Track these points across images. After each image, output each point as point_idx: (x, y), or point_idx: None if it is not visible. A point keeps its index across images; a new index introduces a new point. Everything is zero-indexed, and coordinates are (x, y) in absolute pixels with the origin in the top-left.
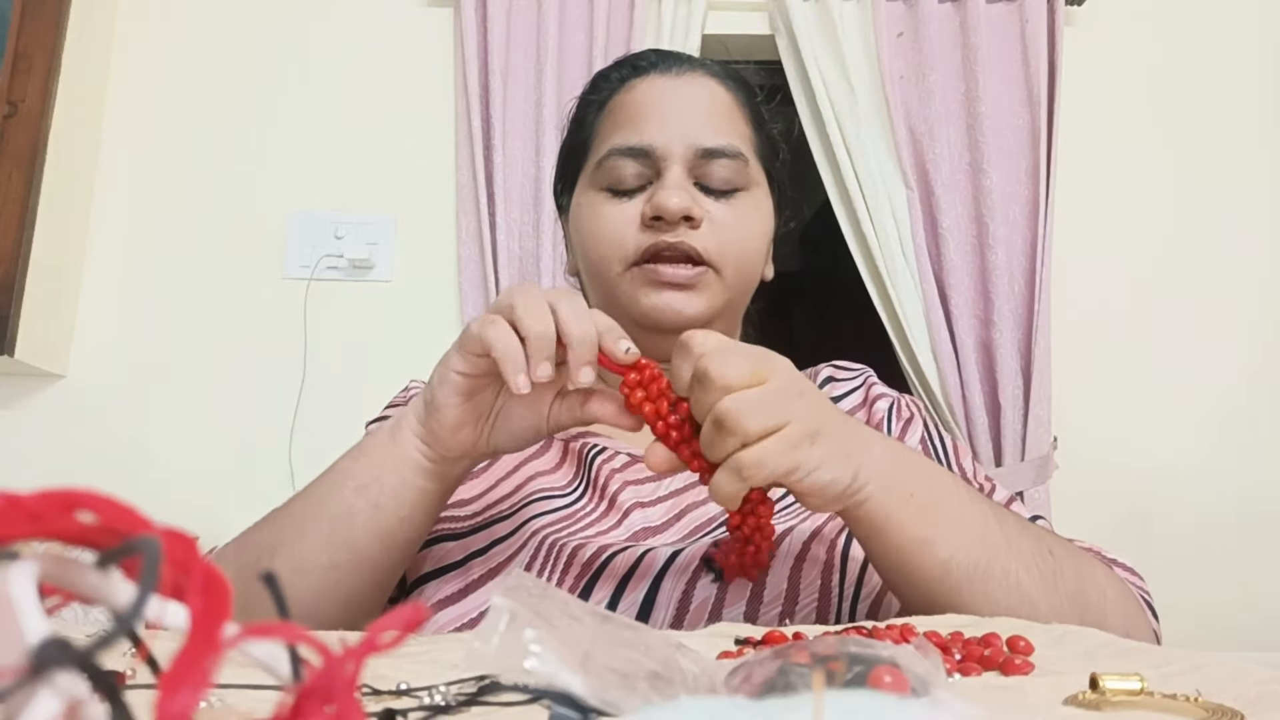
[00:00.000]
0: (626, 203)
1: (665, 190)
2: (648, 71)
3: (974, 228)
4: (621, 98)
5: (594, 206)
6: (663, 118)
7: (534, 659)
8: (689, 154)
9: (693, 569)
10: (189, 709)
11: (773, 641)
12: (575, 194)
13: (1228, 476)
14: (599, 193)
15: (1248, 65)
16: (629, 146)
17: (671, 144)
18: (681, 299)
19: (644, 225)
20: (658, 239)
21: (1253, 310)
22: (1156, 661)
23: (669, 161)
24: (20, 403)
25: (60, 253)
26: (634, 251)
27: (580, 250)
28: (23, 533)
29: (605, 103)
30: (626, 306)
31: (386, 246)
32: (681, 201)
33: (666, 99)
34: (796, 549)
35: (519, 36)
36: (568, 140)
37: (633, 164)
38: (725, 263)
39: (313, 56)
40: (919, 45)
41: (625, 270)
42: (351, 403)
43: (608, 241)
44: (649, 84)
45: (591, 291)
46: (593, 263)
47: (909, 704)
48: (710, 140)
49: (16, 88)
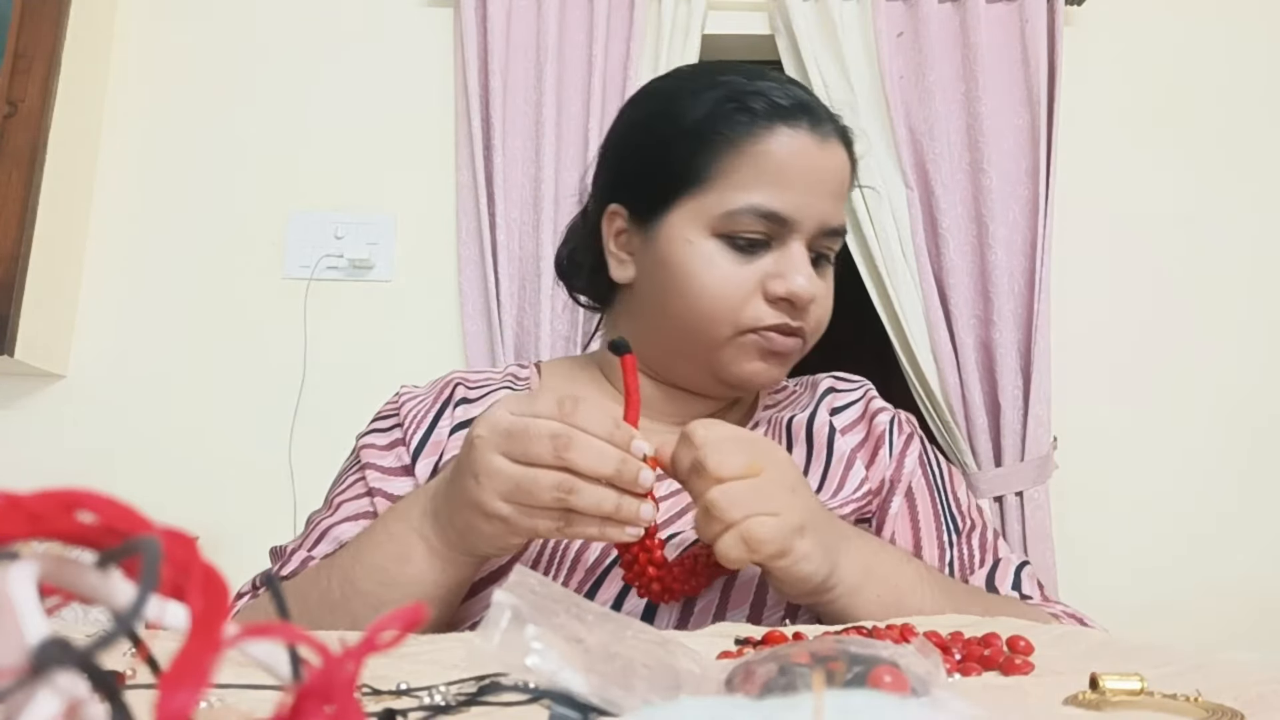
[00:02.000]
0: (747, 264)
1: (799, 275)
2: (797, 123)
3: (974, 228)
4: (768, 146)
5: (709, 256)
6: (808, 187)
7: (535, 656)
8: (816, 230)
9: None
10: (189, 709)
11: (773, 641)
12: (672, 220)
13: (1228, 475)
14: (716, 240)
15: (1247, 65)
16: (770, 211)
17: (807, 218)
18: (779, 370)
19: (769, 300)
20: (782, 320)
21: (1254, 309)
22: (1156, 661)
23: (799, 235)
24: (20, 403)
25: (60, 253)
26: (751, 323)
27: (674, 291)
28: (23, 533)
29: (740, 141)
30: (723, 366)
31: (386, 246)
32: (813, 290)
33: (813, 166)
34: None
35: (519, 36)
36: (664, 153)
37: (763, 224)
38: (815, 336)
39: (313, 56)
40: (919, 45)
41: (735, 335)
42: (351, 403)
43: (724, 304)
44: (797, 142)
45: (675, 333)
46: (694, 316)
47: (909, 704)
48: (835, 220)
49: (16, 88)
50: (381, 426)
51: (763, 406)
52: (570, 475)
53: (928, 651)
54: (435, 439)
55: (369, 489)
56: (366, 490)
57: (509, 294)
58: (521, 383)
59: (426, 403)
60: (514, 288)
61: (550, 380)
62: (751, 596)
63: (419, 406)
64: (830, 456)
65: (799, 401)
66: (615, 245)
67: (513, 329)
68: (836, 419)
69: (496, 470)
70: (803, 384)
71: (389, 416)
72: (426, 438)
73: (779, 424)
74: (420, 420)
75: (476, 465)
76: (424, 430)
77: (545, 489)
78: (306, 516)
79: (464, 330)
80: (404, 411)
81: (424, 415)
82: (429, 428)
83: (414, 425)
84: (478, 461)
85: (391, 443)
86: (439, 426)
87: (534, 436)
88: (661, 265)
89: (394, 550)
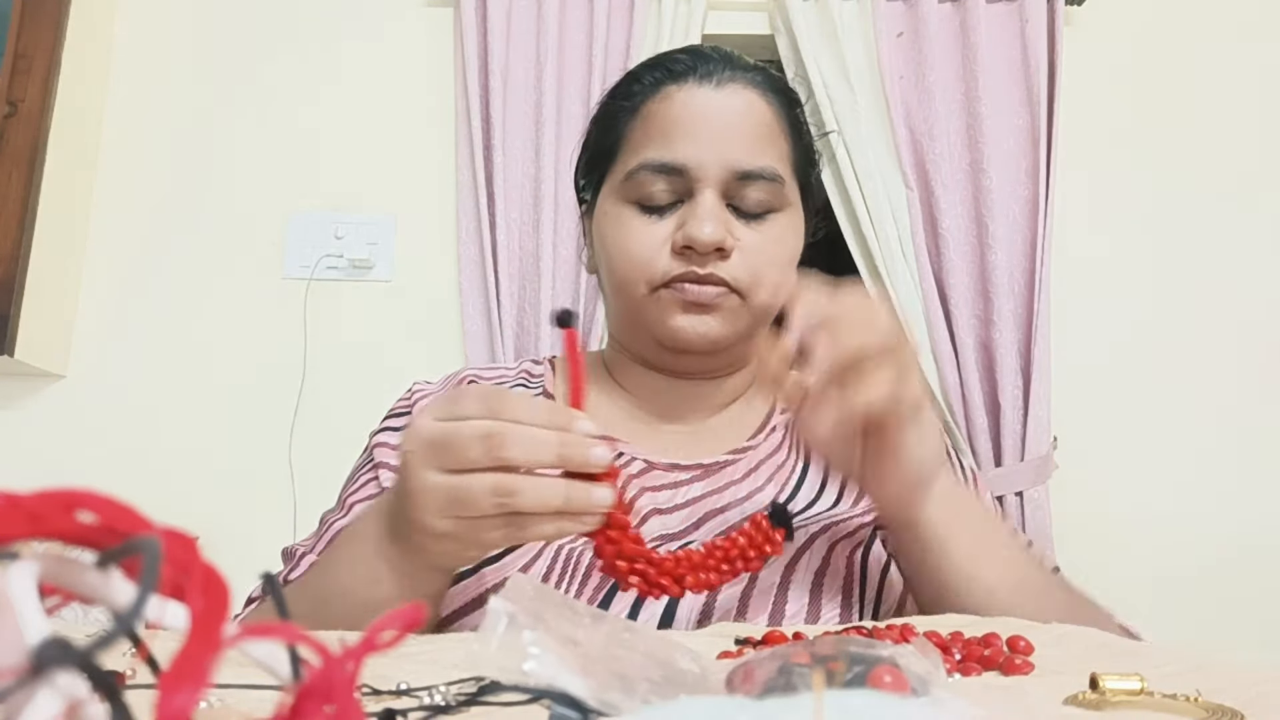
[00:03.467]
0: (656, 222)
1: (698, 220)
2: (685, 78)
3: (974, 228)
4: (655, 105)
5: (621, 221)
6: (698, 134)
7: (533, 661)
8: (724, 176)
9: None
10: (189, 709)
11: (773, 641)
12: (600, 198)
13: (1229, 475)
14: (627, 206)
15: (1247, 65)
16: (661, 163)
17: (706, 165)
18: (704, 322)
19: (675, 252)
20: (688, 269)
21: (1254, 309)
22: (1156, 661)
23: (703, 183)
24: (20, 403)
25: (60, 253)
26: (662, 276)
27: (604, 261)
28: (23, 533)
29: (638, 108)
30: (651, 327)
31: (386, 246)
32: (715, 234)
33: (703, 113)
34: (816, 563)
35: (519, 36)
36: (595, 139)
37: (664, 180)
38: (753, 289)
39: (313, 56)
40: (919, 45)
41: (651, 293)
42: (351, 403)
43: (635, 263)
44: (686, 94)
45: (614, 303)
46: (618, 280)
47: (909, 704)
48: (747, 162)
49: (16, 88)
50: (395, 425)
51: (780, 409)
52: (510, 476)
53: (928, 651)
54: None
55: (383, 489)
56: (380, 490)
57: (509, 294)
58: (536, 379)
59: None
60: (514, 288)
61: (563, 377)
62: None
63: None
64: None
65: None
66: (586, 240)
67: (513, 329)
68: None
69: (430, 486)
70: None
71: (402, 414)
72: None
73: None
74: None
75: (410, 484)
76: None
77: (482, 496)
78: (320, 516)
79: (464, 330)
80: (417, 410)
81: None
82: None
83: None
84: (410, 480)
85: None
86: None
87: (463, 441)
88: (598, 243)
89: (364, 574)
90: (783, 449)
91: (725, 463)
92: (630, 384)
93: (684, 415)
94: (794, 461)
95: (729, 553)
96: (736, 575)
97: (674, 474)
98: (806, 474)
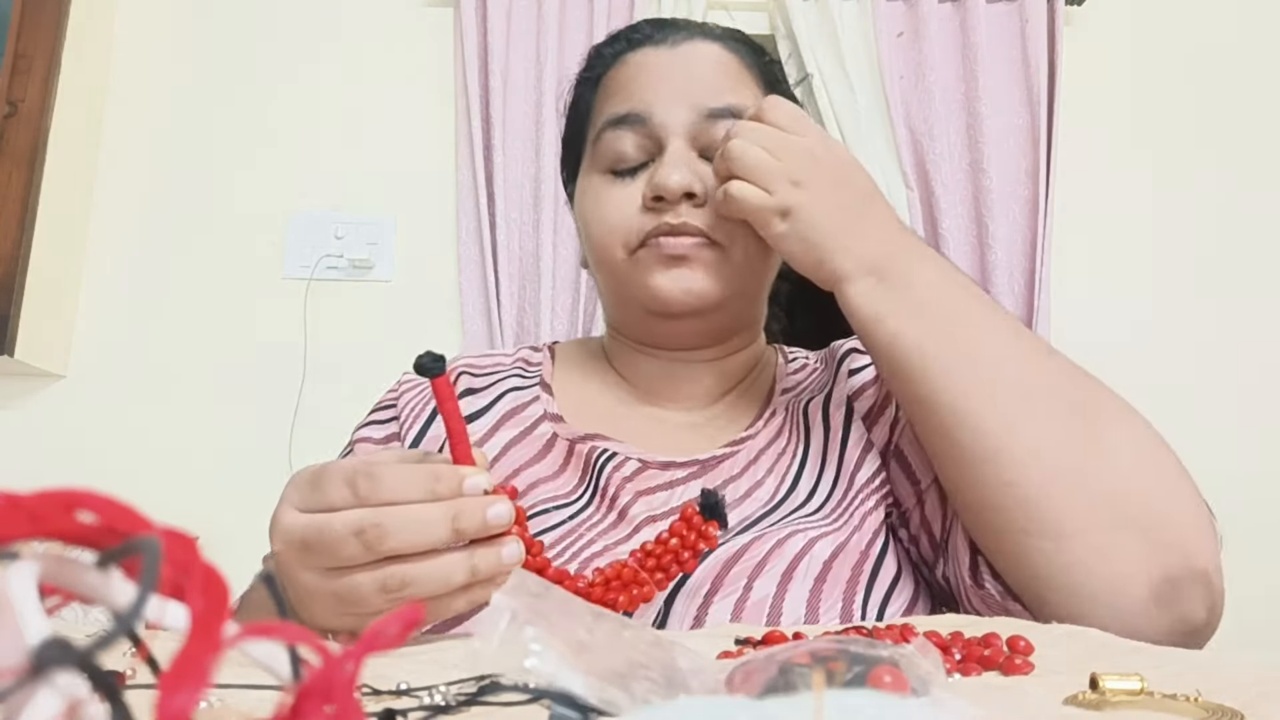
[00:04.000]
0: (629, 183)
1: (665, 167)
2: (641, 44)
3: (974, 228)
4: (615, 72)
5: (595, 191)
6: (658, 85)
7: (534, 658)
8: (692, 120)
9: (705, 591)
10: (189, 709)
11: (772, 641)
12: (579, 181)
13: (1230, 475)
14: (600, 175)
15: (1247, 65)
16: (621, 115)
17: (670, 112)
18: (684, 276)
19: (645, 207)
20: (659, 220)
21: (1254, 309)
22: (1156, 661)
23: (669, 131)
24: (20, 403)
25: (60, 253)
26: (637, 235)
27: (585, 238)
28: (23, 533)
29: (600, 79)
30: (637, 294)
31: (386, 246)
32: (682, 178)
33: (662, 67)
34: (816, 569)
35: (519, 36)
36: (567, 125)
37: (630, 136)
38: (734, 239)
39: (312, 56)
40: (919, 45)
41: (629, 255)
42: (351, 403)
43: (610, 227)
44: (642, 55)
45: (600, 282)
46: (597, 250)
47: (909, 704)
48: (714, 100)
49: (16, 88)
50: (379, 418)
51: (780, 391)
52: (398, 567)
53: (928, 651)
54: (434, 434)
55: None
56: None
57: (509, 294)
58: (534, 368)
59: (428, 393)
60: (514, 288)
61: (562, 363)
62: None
63: (419, 397)
64: (846, 442)
65: (817, 382)
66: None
67: (513, 329)
68: (854, 379)
69: (313, 590)
70: (823, 358)
71: (387, 407)
72: (424, 432)
73: (798, 409)
74: (419, 413)
75: (295, 586)
76: (421, 424)
77: (373, 596)
78: None
79: (464, 330)
80: (402, 403)
81: (423, 407)
82: (427, 421)
83: (411, 418)
84: (295, 583)
85: (387, 436)
86: (439, 420)
87: (335, 539)
88: (580, 225)
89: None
90: (783, 434)
91: (723, 457)
92: (628, 369)
93: (683, 401)
94: (795, 445)
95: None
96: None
97: (669, 473)
98: (807, 459)
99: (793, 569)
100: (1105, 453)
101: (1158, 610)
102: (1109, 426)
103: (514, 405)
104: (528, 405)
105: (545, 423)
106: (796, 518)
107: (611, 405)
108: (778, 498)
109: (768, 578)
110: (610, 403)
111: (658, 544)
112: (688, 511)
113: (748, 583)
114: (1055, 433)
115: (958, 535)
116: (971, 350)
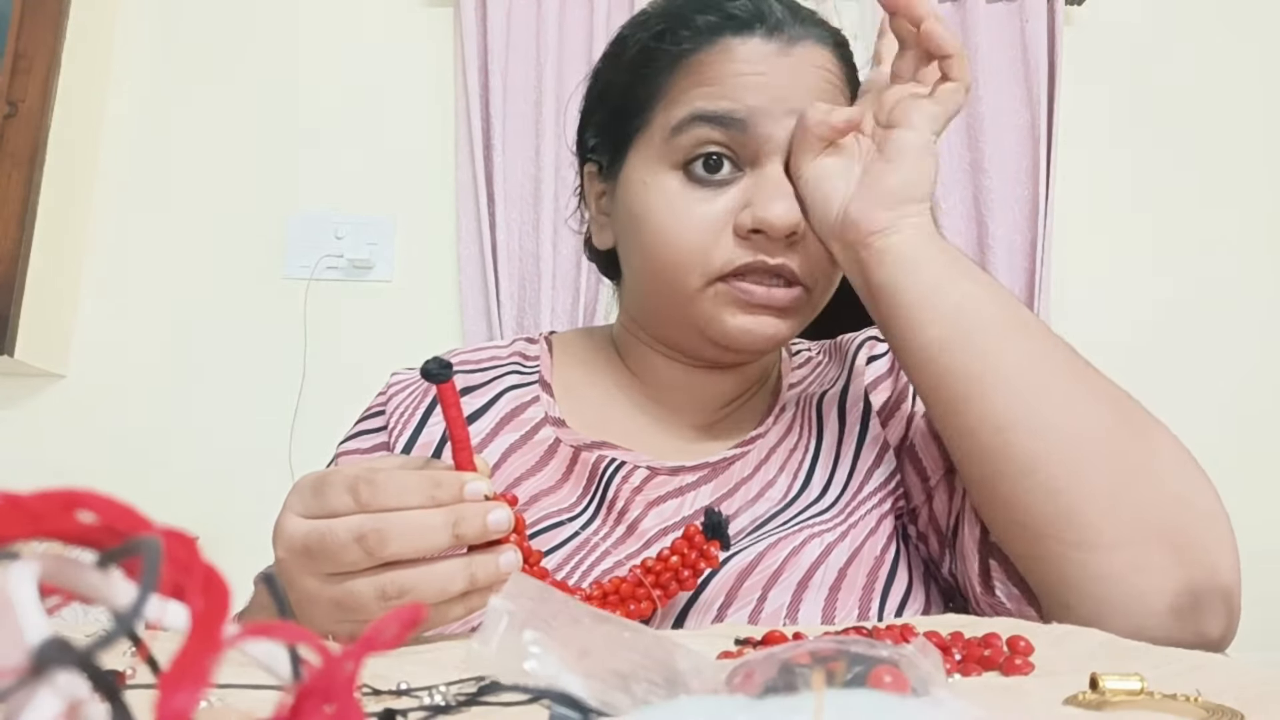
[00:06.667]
0: (713, 198)
1: (768, 198)
2: (750, 29)
3: (974, 228)
4: (710, 55)
5: (668, 195)
6: (767, 89)
7: (533, 660)
8: (792, 137)
9: (719, 604)
10: (189, 709)
11: (772, 641)
12: (630, 164)
13: (1230, 476)
14: (671, 173)
15: (1247, 66)
16: (719, 114)
17: (777, 124)
18: (772, 324)
19: (739, 237)
20: (755, 258)
21: (1254, 308)
22: (1156, 661)
23: (771, 146)
24: (20, 403)
25: (60, 253)
26: (721, 267)
27: (637, 242)
28: (23, 533)
29: (686, 56)
30: (700, 324)
31: (386, 246)
32: (790, 214)
33: (774, 71)
34: (831, 578)
35: (519, 36)
36: (616, 89)
37: (720, 138)
38: (818, 282)
39: (312, 56)
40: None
41: (706, 286)
42: (351, 403)
43: (688, 249)
44: (751, 49)
45: (648, 288)
46: (660, 267)
47: (909, 704)
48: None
49: (16, 88)
50: (367, 427)
51: (787, 386)
52: (398, 573)
53: (928, 651)
54: (425, 439)
55: None
56: None
57: (509, 294)
58: (531, 361)
59: (418, 395)
60: (514, 288)
61: (562, 358)
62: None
63: (410, 400)
64: (863, 439)
65: (827, 374)
66: (597, 209)
67: (513, 329)
68: (871, 369)
69: (313, 595)
70: (828, 350)
71: (376, 414)
72: (415, 437)
73: (809, 404)
74: (409, 417)
75: (296, 592)
76: (412, 429)
77: (372, 602)
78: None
79: (464, 330)
80: (391, 406)
81: (413, 410)
82: (418, 425)
83: (401, 424)
84: (296, 589)
85: (374, 447)
86: (430, 424)
87: (337, 546)
88: (626, 218)
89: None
90: (794, 430)
91: (734, 458)
92: (643, 371)
93: (697, 408)
94: (807, 440)
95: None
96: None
97: (679, 478)
98: (820, 455)
99: (808, 579)
100: (1149, 466)
101: (1176, 623)
102: (1152, 439)
103: (514, 406)
104: (528, 407)
105: (547, 427)
106: (809, 516)
107: (619, 407)
108: (790, 495)
109: (782, 588)
110: (617, 405)
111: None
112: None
113: (762, 594)
114: (1106, 443)
115: (965, 537)
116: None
